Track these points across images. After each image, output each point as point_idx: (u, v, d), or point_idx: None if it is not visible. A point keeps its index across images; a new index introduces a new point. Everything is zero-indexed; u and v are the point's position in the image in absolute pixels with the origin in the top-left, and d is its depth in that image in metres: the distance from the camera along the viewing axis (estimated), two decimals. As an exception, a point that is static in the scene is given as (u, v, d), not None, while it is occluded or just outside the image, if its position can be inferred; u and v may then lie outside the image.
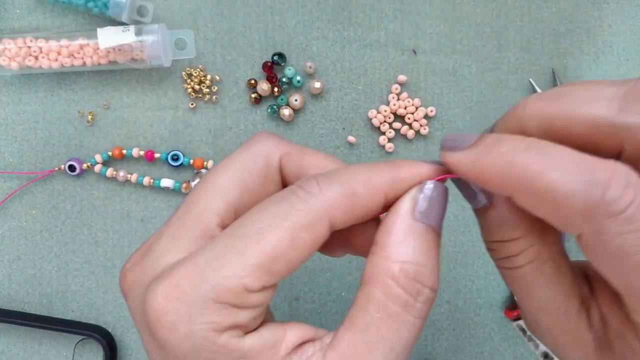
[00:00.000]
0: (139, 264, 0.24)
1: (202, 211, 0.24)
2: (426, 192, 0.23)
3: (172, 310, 0.21)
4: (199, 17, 0.42)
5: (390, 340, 0.22)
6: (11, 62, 0.40)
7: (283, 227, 0.21)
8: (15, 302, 0.43)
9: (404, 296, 0.22)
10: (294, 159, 0.26)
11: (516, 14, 0.42)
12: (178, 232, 0.24)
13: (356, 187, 0.23)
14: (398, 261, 0.22)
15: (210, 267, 0.21)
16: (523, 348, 0.42)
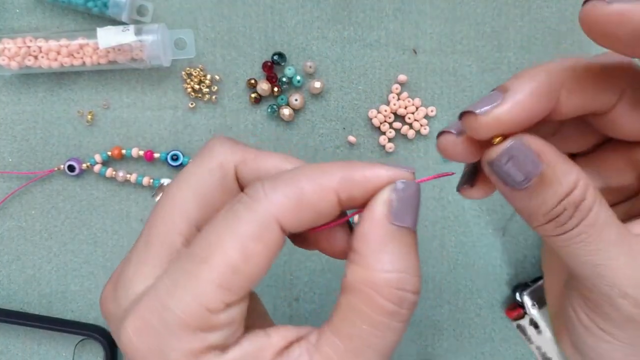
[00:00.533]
0: (112, 295, 0.24)
1: (164, 233, 0.24)
2: (399, 193, 0.22)
3: (143, 346, 0.21)
4: (198, 16, 0.42)
5: (376, 346, 0.22)
6: (10, 62, 0.40)
7: (231, 240, 0.21)
8: (14, 302, 0.43)
9: (389, 307, 0.22)
10: (250, 166, 0.25)
11: (517, 14, 0.42)
12: (144, 258, 0.24)
13: (303, 187, 0.22)
14: (380, 271, 0.21)
15: (170, 295, 0.21)
16: (524, 349, 0.42)
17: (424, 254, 0.42)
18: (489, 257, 0.42)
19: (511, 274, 0.42)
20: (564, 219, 0.22)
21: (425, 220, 0.42)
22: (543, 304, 0.40)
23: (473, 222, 0.42)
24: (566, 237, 0.22)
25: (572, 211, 0.22)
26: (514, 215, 0.42)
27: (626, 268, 0.22)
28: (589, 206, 0.22)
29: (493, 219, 0.42)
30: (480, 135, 0.22)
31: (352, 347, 0.22)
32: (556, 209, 0.22)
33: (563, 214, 0.22)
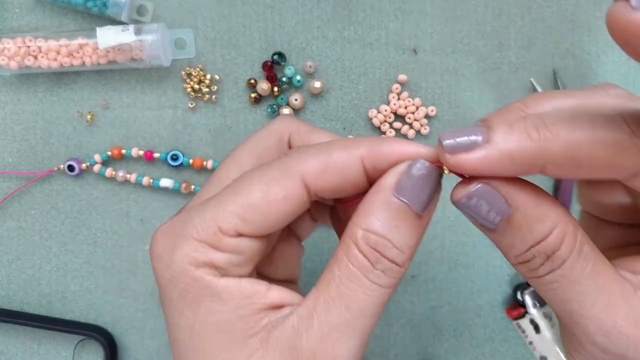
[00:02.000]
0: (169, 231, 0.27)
1: (222, 179, 0.27)
2: (411, 170, 0.23)
3: (161, 243, 0.25)
4: (198, 16, 0.42)
5: (346, 298, 0.23)
6: (10, 62, 0.40)
7: (258, 180, 0.24)
8: (14, 302, 0.43)
9: (360, 258, 0.23)
10: (302, 137, 0.29)
11: (517, 14, 0.42)
12: (202, 196, 0.27)
13: (332, 152, 0.24)
14: (363, 228, 0.23)
15: (197, 212, 0.25)
16: (524, 349, 0.42)
17: (424, 254, 0.42)
18: (490, 257, 0.42)
19: (512, 274, 0.42)
20: (534, 265, 0.22)
21: (426, 220, 0.42)
22: (544, 303, 0.40)
23: (473, 222, 0.42)
24: (538, 282, 0.22)
25: (542, 260, 0.22)
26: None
27: (599, 317, 0.22)
28: (562, 257, 0.21)
29: (493, 219, 0.42)
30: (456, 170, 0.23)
31: (326, 295, 0.23)
32: (526, 255, 0.22)
33: (533, 260, 0.22)
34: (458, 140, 0.22)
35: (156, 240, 0.25)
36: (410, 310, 0.42)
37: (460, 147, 0.21)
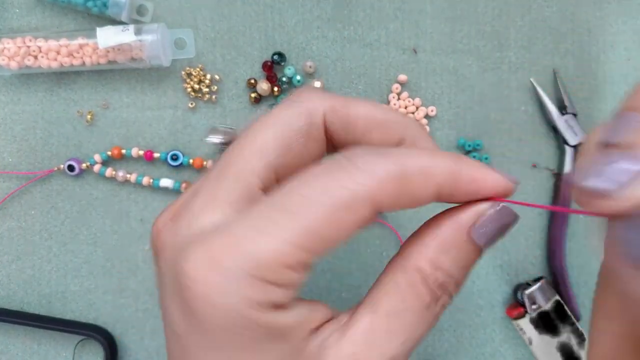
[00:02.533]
0: (172, 224, 0.23)
1: (241, 171, 0.23)
2: (494, 215, 0.22)
3: (208, 281, 0.20)
4: (198, 16, 0.42)
5: (408, 332, 0.22)
6: (10, 62, 0.40)
7: (324, 203, 0.20)
8: (14, 302, 0.43)
9: (425, 295, 0.22)
10: (339, 113, 0.24)
11: (517, 14, 0.42)
12: (215, 193, 0.22)
13: (409, 171, 0.21)
14: (433, 266, 0.22)
15: (247, 238, 0.20)
16: (524, 349, 0.42)
17: (424, 254, 0.42)
18: (490, 257, 0.42)
19: (512, 274, 0.42)
20: None
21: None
22: (543, 303, 0.40)
23: (473, 222, 0.42)
24: None
25: None
26: (515, 215, 0.42)
27: None
28: None
29: (493, 219, 0.42)
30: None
31: (388, 325, 0.22)
32: None
33: None
34: (605, 181, 0.17)
35: (195, 276, 0.20)
36: (410, 310, 0.42)
37: (609, 190, 0.17)
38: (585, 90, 0.42)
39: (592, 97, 0.42)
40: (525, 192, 0.42)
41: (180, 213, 0.23)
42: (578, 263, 0.42)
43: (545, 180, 0.42)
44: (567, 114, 0.41)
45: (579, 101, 0.42)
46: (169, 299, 0.22)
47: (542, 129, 0.42)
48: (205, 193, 0.23)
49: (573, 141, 0.41)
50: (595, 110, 0.42)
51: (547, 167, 0.42)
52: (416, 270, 0.22)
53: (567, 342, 0.40)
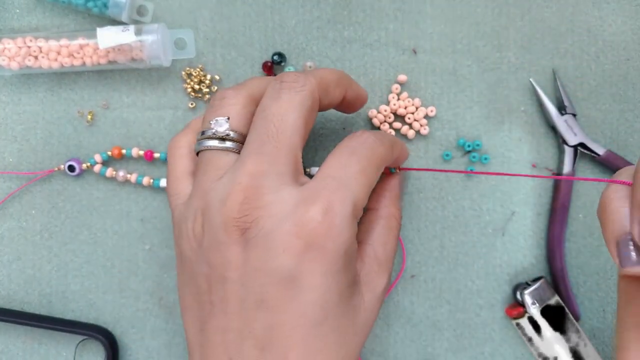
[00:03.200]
0: (257, 199, 0.28)
1: (291, 149, 0.30)
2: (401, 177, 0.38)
3: (329, 223, 0.28)
4: (198, 16, 0.42)
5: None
6: (11, 62, 0.40)
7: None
8: (14, 302, 0.43)
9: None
10: (322, 86, 0.33)
11: (517, 14, 0.42)
12: (281, 170, 0.29)
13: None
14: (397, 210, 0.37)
15: (339, 192, 0.29)
16: (523, 348, 0.42)
17: (423, 254, 0.42)
18: (489, 257, 0.42)
19: (511, 274, 0.42)
20: None
21: (426, 220, 0.42)
22: (543, 303, 0.40)
23: (473, 222, 0.42)
24: None
25: None
26: (514, 215, 0.42)
27: None
28: None
29: (493, 218, 0.42)
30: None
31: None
32: None
33: None
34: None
35: (318, 218, 0.28)
36: (409, 309, 0.42)
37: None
38: (584, 91, 0.42)
39: (592, 98, 0.42)
40: (525, 192, 0.42)
41: (259, 190, 0.29)
42: (577, 263, 0.42)
43: (545, 181, 0.42)
44: (567, 114, 0.41)
45: (578, 101, 0.42)
46: (282, 240, 0.28)
47: (542, 129, 0.42)
48: (273, 173, 0.29)
49: (572, 141, 0.41)
50: (594, 111, 0.42)
51: (547, 167, 0.42)
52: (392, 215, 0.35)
53: (566, 341, 0.40)
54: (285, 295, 0.28)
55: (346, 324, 0.30)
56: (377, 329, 0.42)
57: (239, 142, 0.32)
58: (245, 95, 0.33)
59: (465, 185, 0.42)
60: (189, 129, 0.36)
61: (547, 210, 0.42)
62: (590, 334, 0.42)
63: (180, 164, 0.35)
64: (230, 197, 0.29)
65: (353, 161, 0.31)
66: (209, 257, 0.29)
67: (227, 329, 0.29)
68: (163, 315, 0.43)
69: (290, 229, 0.28)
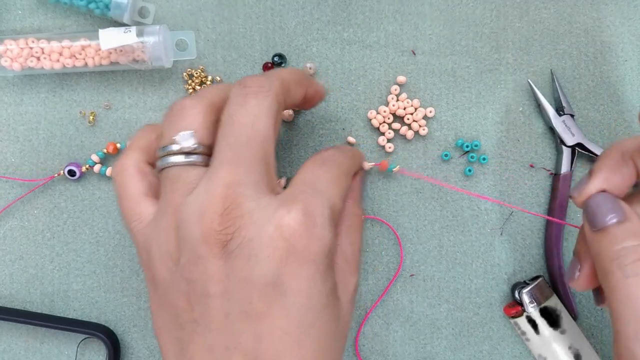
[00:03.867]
0: (238, 206, 0.28)
1: (266, 157, 0.30)
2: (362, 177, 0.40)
3: (307, 226, 0.28)
4: (199, 18, 0.42)
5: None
6: (13, 63, 0.40)
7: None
8: (17, 301, 0.43)
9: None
10: (284, 88, 0.32)
11: (515, 15, 0.42)
12: (256, 180, 0.29)
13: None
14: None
15: (316, 197, 0.30)
16: (522, 347, 0.42)
17: (422, 253, 0.42)
18: (487, 256, 0.42)
19: (509, 273, 0.42)
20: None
21: (424, 220, 0.42)
22: (541, 302, 0.40)
23: (471, 222, 0.42)
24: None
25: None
26: (512, 215, 0.42)
27: None
28: None
29: (491, 218, 0.42)
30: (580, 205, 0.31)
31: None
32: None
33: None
34: (577, 186, 0.31)
35: (297, 223, 0.28)
36: (408, 308, 0.42)
37: (580, 187, 0.31)
38: (582, 92, 0.42)
39: (589, 98, 0.42)
40: (523, 192, 0.42)
41: (237, 200, 0.28)
42: (575, 262, 0.42)
43: (543, 181, 0.42)
44: (564, 114, 0.41)
45: (576, 102, 0.42)
46: (265, 245, 0.27)
47: (540, 130, 0.42)
48: (249, 182, 0.28)
49: (570, 142, 0.41)
50: (592, 112, 0.42)
51: (545, 168, 0.42)
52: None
53: (564, 339, 0.40)
54: (271, 302, 0.27)
55: (334, 328, 0.29)
56: (376, 328, 0.42)
57: (205, 154, 0.30)
58: (205, 104, 0.31)
59: (464, 185, 0.42)
60: (130, 149, 0.34)
61: (545, 209, 0.42)
62: (588, 333, 0.42)
63: (133, 186, 0.32)
64: (208, 209, 0.27)
65: (324, 170, 0.31)
66: (188, 274, 0.28)
67: (213, 345, 0.28)
68: (164, 314, 0.43)
69: (273, 233, 0.27)
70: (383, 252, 0.42)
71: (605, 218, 0.28)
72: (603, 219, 0.28)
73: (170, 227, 0.29)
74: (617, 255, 0.27)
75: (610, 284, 0.28)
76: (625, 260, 0.27)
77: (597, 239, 0.29)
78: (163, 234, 0.29)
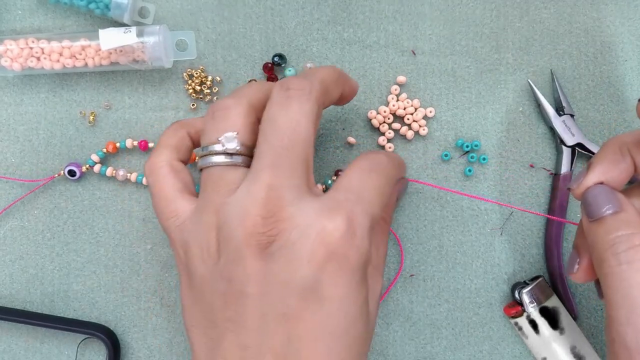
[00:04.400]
0: (285, 219, 0.28)
1: (306, 160, 0.30)
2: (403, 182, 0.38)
3: (351, 234, 0.28)
4: (199, 18, 0.42)
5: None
6: (13, 63, 0.40)
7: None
8: (17, 301, 0.43)
9: None
10: (324, 89, 0.33)
11: (515, 15, 0.42)
12: (299, 184, 0.29)
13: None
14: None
15: (360, 205, 0.30)
16: (522, 347, 0.42)
17: (422, 253, 0.42)
18: (487, 256, 0.42)
19: (509, 273, 0.42)
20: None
21: (424, 220, 0.42)
22: (541, 302, 0.40)
23: (471, 222, 0.42)
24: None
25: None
26: (512, 215, 0.42)
27: None
28: None
29: (491, 218, 0.42)
30: (578, 197, 0.32)
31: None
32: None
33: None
34: (575, 180, 0.32)
35: (343, 230, 0.28)
36: (408, 308, 0.42)
37: (579, 180, 0.32)
38: (582, 92, 0.42)
39: (589, 98, 0.42)
40: (523, 192, 0.42)
41: (279, 203, 0.28)
42: (575, 262, 0.42)
43: (543, 181, 0.42)
44: (565, 114, 0.41)
45: (576, 102, 0.42)
46: (307, 250, 0.28)
47: (540, 130, 0.42)
48: (291, 185, 0.29)
49: (570, 142, 0.41)
50: (592, 112, 0.42)
51: (545, 168, 0.42)
52: None
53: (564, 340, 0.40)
54: (307, 307, 0.27)
55: (364, 335, 0.30)
56: (376, 328, 0.42)
57: (247, 155, 0.31)
58: (247, 105, 0.31)
59: (464, 185, 0.42)
60: (161, 147, 0.34)
61: (545, 209, 0.42)
62: (588, 333, 0.42)
63: (168, 184, 0.33)
64: (251, 212, 0.28)
65: (371, 178, 0.31)
66: (227, 273, 0.28)
67: (246, 345, 0.28)
68: (164, 314, 0.43)
69: (315, 239, 0.27)
70: (383, 252, 0.42)
71: (601, 209, 0.29)
72: (599, 209, 0.29)
73: (212, 226, 0.29)
74: (611, 244, 0.28)
75: (604, 271, 0.29)
76: (619, 248, 0.28)
77: (593, 229, 0.30)
78: (204, 232, 0.30)
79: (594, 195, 0.30)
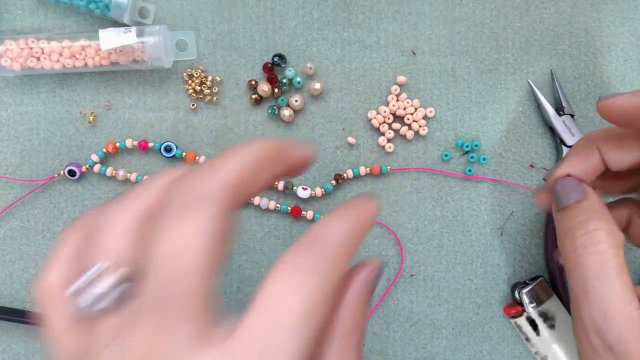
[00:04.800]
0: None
1: (205, 297, 0.21)
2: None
3: None
4: (199, 18, 0.42)
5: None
6: (13, 63, 0.40)
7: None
8: (17, 301, 0.43)
9: None
10: (244, 183, 0.24)
11: (515, 15, 0.42)
12: (189, 327, 0.21)
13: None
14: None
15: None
16: (521, 347, 0.42)
17: (422, 254, 0.42)
18: (487, 256, 0.42)
19: (509, 273, 0.42)
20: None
21: (425, 220, 0.42)
22: (541, 302, 0.40)
23: (471, 222, 0.42)
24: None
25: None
26: (512, 215, 0.42)
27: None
28: None
29: (491, 218, 0.42)
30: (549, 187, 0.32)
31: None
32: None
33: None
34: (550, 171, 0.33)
35: None
36: (408, 308, 0.42)
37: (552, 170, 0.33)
38: (582, 91, 0.42)
39: (589, 98, 0.42)
40: (523, 192, 0.42)
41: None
42: (575, 262, 0.42)
43: (543, 181, 0.42)
44: (564, 114, 0.41)
45: (576, 102, 0.42)
46: None
47: (540, 130, 0.42)
48: (176, 334, 0.21)
49: (570, 141, 0.41)
50: (592, 111, 0.42)
51: (545, 167, 0.42)
52: None
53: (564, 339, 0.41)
54: None
55: None
56: (376, 328, 0.42)
57: (130, 280, 0.22)
58: (134, 215, 0.23)
59: (464, 186, 0.42)
60: (57, 261, 0.24)
61: (544, 210, 0.42)
62: (587, 333, 0.42)
63: (59, 315, 0.23)
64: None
65: (300, 291, 0.21)
66: None
67: None
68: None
69: None
70: (383, 252, 0.42)
71: (567, 198, 0.31)
72: (565, 198, 0.31)
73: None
74: (570, 229, 0.30)
75: (564, 255, 0.30)
76: (576, 233, 0.29)
77: (559, 217, 0.31)
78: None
79: (561, 185, 0.32)
